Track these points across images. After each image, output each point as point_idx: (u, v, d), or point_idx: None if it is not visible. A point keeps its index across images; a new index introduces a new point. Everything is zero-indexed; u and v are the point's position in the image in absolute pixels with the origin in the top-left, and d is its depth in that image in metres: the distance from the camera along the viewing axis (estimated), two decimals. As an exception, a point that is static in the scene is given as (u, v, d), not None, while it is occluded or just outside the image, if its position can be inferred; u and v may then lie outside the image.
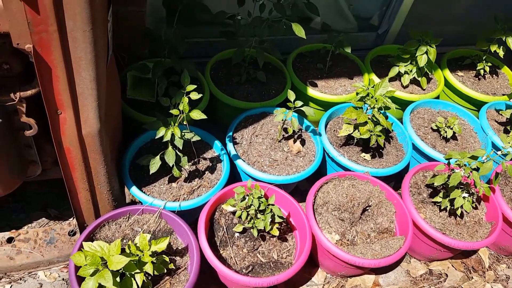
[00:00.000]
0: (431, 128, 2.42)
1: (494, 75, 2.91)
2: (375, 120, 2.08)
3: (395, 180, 2.40)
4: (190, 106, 1.74)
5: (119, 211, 1.78)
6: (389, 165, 2.18)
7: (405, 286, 2.08)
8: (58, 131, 1.45)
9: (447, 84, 2.77)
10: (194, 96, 1.69)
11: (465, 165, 1.82)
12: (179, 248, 1.77)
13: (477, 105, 2.71)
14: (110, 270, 1.43)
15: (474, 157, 1.78)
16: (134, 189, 1.86)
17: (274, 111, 2.11)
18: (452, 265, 2.20)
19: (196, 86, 1.74)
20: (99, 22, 1.28)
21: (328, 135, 2.28)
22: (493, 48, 2.67)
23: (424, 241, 1.96)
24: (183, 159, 1.85)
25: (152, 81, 2.15)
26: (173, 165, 1.83)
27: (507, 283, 2.19)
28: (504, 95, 2.77)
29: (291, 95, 2.05)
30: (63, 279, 1.86)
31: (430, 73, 2.69)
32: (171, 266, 1.67)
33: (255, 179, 2.02)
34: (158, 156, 1.82)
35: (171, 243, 1.78)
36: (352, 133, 2.12)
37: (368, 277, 2.07)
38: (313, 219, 1.85)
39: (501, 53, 2.65)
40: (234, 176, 2.18)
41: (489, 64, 2.81)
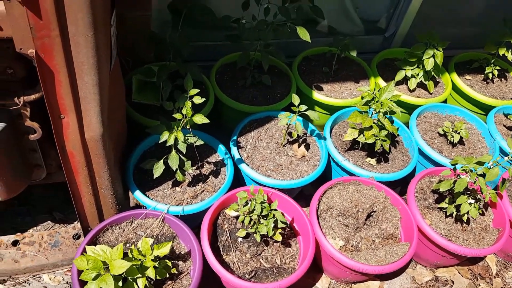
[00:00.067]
0: (438, 133, 2.40)
1: (503, 79, 2.87)
2: (380, 125, 2.06)
3: (401, 185, 2.38)
4: (194, 110, 1.74)
5: (123, 215, 1.78)
6: (395, 170, 2.16)
7: (411, 293, 2.07)
8: (61, 136, 1.46)
9: (455, 88, 2.74)
10: (197, 100, 1.69)
11: (472, 171, 1.80)
12: (182, 253, 1.77)
13: (485, 109, 2.68)
14: (112, 275, 1.43)
15: (481, 163, 1.76)
16: (138, 193, 1.86)
17: (279, 115, 2.10)
18: (459, 272, 2.17)
19: (199, 90, 1.74)
20: (101, 27, 1.28)
21: (333, 140, 2.26)
22: (502, 52, 2.63)
23: (430, 248, 1.94)
24: (187, 163, 1.84)
25: (157, 85, 2.15)
26: (177, 169, 1.83)
27: (515, 291, 2.16)
28: (513, 99, 2.74)
29: (296, 99, 2.04)
30: (67, 283, 1.87)
31: (437, 77, 2.66)
32: (174, 271, 1.67)
33: (259, 184, 2.01)
34: (162, 160, 1.82)
35: (174, 248, 1.78)
36: (357, 138, 2.10)
37: (373, 284, 2.05)
38: (317, 225, 1.84)
39: (510, 57, 2.62)
40: (239, 181, 2.17)
41: (498, 68, 2.77)
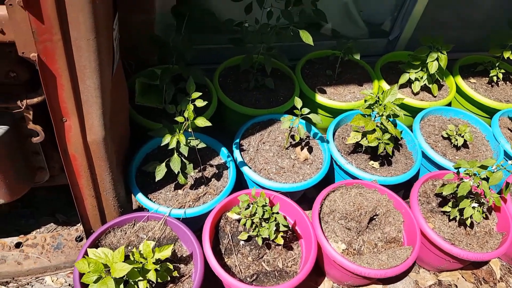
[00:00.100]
0: (442, 136, 2.38)
1: (508, 82, 2.85)
2: (383, 128, 2.05)
3: (405, 189, 2.37)
4: (196, 113, 1.74)
5: (125, 218, 1.78)
6: (398, 174, 2.15)
7: (414, 297, 2.05)
8: (64, 139, 1.47)
9: (459, 91, 2.73)
10: (200, 103, 1.69)
11: (475, 175, 1.78)
12: (184, 256, 1.77)
13: (490, 113, 2.66)
14: (113, 277, 1.43)
15: (484, 167, 1.75)
16: (140, 196, 1.86)
17: (281, 118, 2.10)
18: (462, 276, 2.15)
19: (202, 93, 1.74)
20: (103, 31, 1.29)
21: (336, 143, 2.26)
22: (507, 55, 2.62)
23: (433, 251, 1.93)
24: (189, 166, 1.85)
25: (160, 88, 2.16)
26: (179, 172, 1.83)
27: (520, 296, 2.14)
28: (517, 103, 2.72)
29: (298, 102, 2.04)
30: (69, 285, 1.88)
31: (442, 80, 2.65)
32: (175, 274, 1.67)
33: (261, 187, 2.01)
34: (164, 163, 1.82)
35: (176, 251, 1.78)
36: (360, 141, 2.09)
37: (376, 287, 2.04)
38: (319, 228, 1.83)
39: (515, 60, 2.60)
40: (241, 184, 2.17)
41: (503, 71, 2.75)
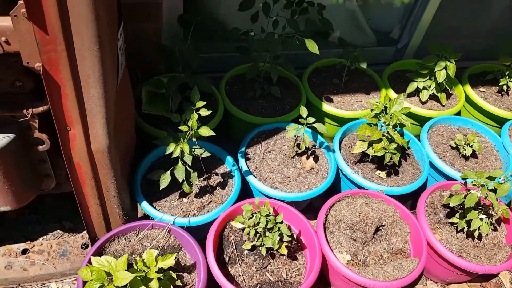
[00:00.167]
0: (450, 146, 2.35)
1: (518, 91, 2.81)
2: (390, 137, 2.03)
3: (413, 199, 2.34)
4: (202, 122, 1.75)
5: (129, 226, 1.79)
6: (405, 184, 2.12)
7: (421, 309, 2.02)
8: (68, 147, 1.48)
9: (468, 100, 2.69)
10: (204, 113, 1.70)
11: (482, 186, 1.75)
12: (187, 265, 1.76)
13: (500, 122, 2.62)
14: (116, 286, 1.43)
15: (491, 178, 1.72)
16: (145, 204, 1.87)
17: (287, 127, 2.09)
18: (471, 289, 2.12)
19: (207, 102, 1.75)
20: (107, 41, 1.30)
21: (343, 152, 2.24)
22: (517, 63, 2.59)
23: (440, 263, 1.90)
24: (193, 175, 1.85)
25: (167, 96, 2.17)
26: (183, 181, 1.84)
27: (530, 309, 2.09)
28: (528, 112, 2.67)
29: (303, 111, 2.03)
30: (74, 292, 1.89)
31: (450, 89, 2.62)
32: (178, 283, 1.66)
33: (266, 196, 2.00)
34: (169, 172, 1.83)
35: (180, 259, 1.78)
36: (366, 150, 2.07)
37: (382, 299, 2.01)
38: (324, 238, 1.81)
39: (525, 69, 2.57)
40: (247, 192, 2.17)
41: (513, 80, 2.72)
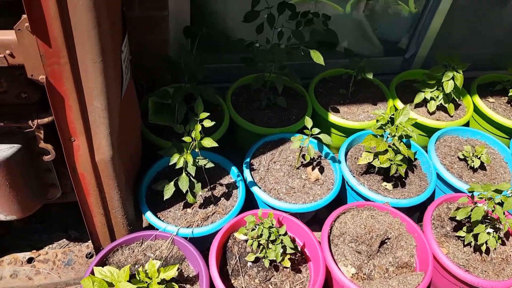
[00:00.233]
0: (458, 157, 2.32)
1: (528, 102, 2.77)
2: (396, 149, 2.02)
3: (420, 211, 2.31)
4: (206, 133, 1.75)
5: (133, 236, 1.79)
6: (411, 196, 2.10)
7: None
8: (72, 158, 1.49)
9: (477, 111, 2.66)
10: (207, 124, 1.70)
11: (490, 199, 1.72)
12: (190, 276, 1.76)
13: (509, 133, 2.58)
14: (117, 297, 1.43)
15: (498, 191, 1.69)
16: (149, 214, 1.87)
17: (291, 138, 2.08)
18: (480, 304, 2.07)
19: (212, 113, 1.76)
20: (110, 54, 1.31)
21: (349, 163, 2.23)
22: (526, 74, 2.56)
23: (446, 278, 1.86)
24: (197, 186, 1.85)
25: (172, 107, 2.18)
26: (187, 191, 1.84)
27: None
28: (538, 123, 2.63)
29: (308, 122, 2.02)
30: (78, 302, 1.89)
31: (458, 99, 2.59)
32: (180, 294, 1.66)
33: (271, 207, 1.99)
34: (173, 182, 1.83)
35: (183, 270, 1.77)
36: (372, 162, 2.06)
37: (388, 313, 1.98)
38: (328, 251, 1.80)
39: (535, 79, 2.53)
40: (252, 203, 2.16)
41: (523, 90, 2.68)
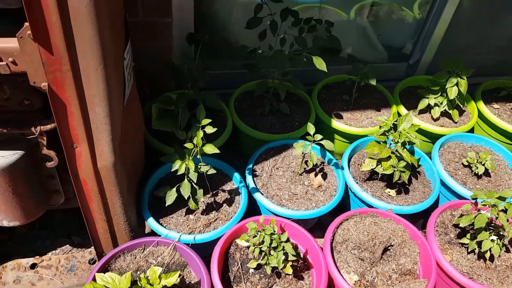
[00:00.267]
0: (462, 164, 2.31)
1: (534, 108, 2.75)
2: (399, 155, 2.01)
3: (424, 218, 2.29)
4: (208, 139, 1.76)
5: (135, 242, 1.79)
6: (415, 202, 2.08)
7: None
8: (74, 164, 1.50)
9: (482, 117, 2.65)
10: (209, 130, 1.71)
11: (494, 206, 1.71)
12: (192, 283, 1.75)
13: (515, 140, 2.57)
14: (118, 304, 1.43)
15: (502, 198, 1.67)
16: (151, 220, 1.87)
17: (294, 144, 2.08)
18: (485, 312, 2.05)
19: (213, 119, 1.76)
20: (113, 61, 1.32)
21: (352, 169, 2.22)
22: (531, 80, 2.54)
23: (450, 285, 1.84)
24: (199, 192, 1.85)
25: (175, 113, 2.19)
26: (189, 198, 1.84)
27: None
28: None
29: (311, 128, 2.02)
30: (80, 308, 1.89)
31: (462, 105, 2.58)
32: (182, 301, 1.66)
33: (273, 213, 1.99)
34: (175, 188, 1.83)
35: (184, 277, 1.77)
36: (375, 168, 2.05)
37: (391, 321, 1.97)
38: (330, 258, 1.79)
39: (540, 85, 2.52)
40: (255, 209, 2.16)
41: (527, 96, 2.67)
